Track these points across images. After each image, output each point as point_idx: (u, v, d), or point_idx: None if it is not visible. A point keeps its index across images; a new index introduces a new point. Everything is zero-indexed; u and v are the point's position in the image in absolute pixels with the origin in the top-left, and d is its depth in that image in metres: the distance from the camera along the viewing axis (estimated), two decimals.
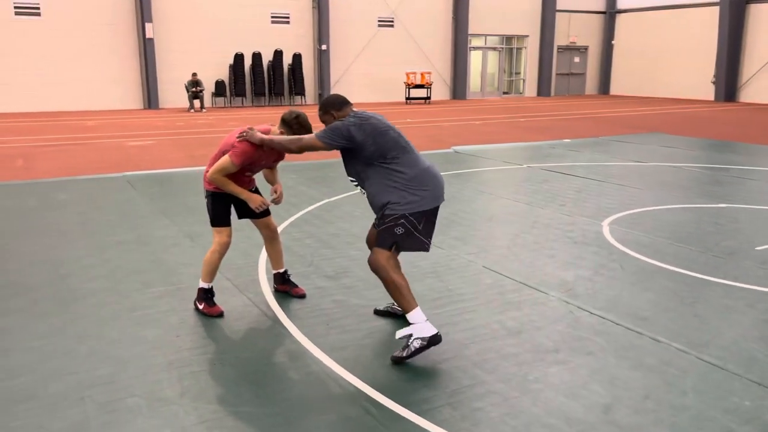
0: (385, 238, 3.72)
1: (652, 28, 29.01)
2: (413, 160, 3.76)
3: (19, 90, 19.86)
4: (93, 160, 10.94)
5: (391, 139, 3.72)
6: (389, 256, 3.73)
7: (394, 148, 3.71)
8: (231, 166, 4.10)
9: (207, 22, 22.04)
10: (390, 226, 3.70)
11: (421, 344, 3.64)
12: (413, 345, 3.65)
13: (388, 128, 3.75)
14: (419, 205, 3.70)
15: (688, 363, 3.70)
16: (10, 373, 3.56)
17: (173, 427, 3.05)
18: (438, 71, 26.74)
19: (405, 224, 3.69)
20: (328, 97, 3.95)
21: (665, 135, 14.81)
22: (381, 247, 3.72)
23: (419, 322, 3.67)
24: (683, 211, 7.36)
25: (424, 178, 3.73)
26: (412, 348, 3.64)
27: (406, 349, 3.66)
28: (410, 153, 3.77)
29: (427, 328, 3.67)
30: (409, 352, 3.64)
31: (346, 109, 3.85)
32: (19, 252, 5.77)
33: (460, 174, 9.76)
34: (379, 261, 3.70)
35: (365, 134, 3.66)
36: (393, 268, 3.72)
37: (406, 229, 3.70)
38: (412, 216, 3.70)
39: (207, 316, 4.35)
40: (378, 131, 3.69)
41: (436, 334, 3.68)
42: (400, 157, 3.71)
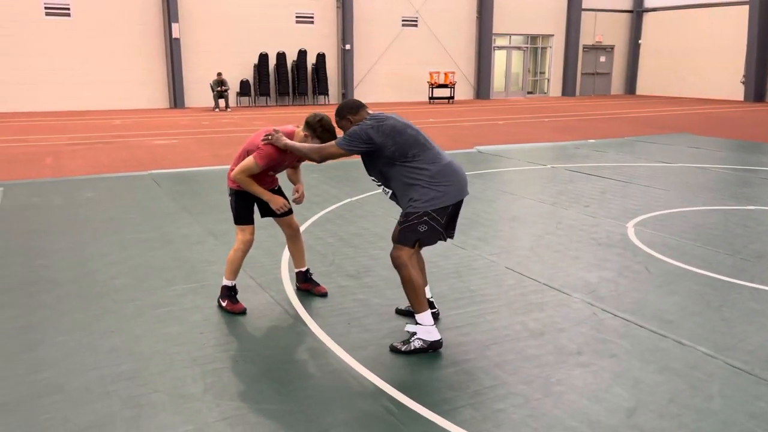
0: (408, 236, 3.74)
1: (679, 27, 28.60)
2: (434, 156, 3.76)
3: (49, 89, 20.22)
4: (119, 158, 11.09)
5: (411, 137, 3.72)
6: (412, 254, 3.75)
7: (414, 146, 3.71)
8: (255, 167, 4.13)
9: (232, 22, 22.23)
10: (414, 223, 3.71)
11: (422, 345, 3.76)
12: (414, 344, 3.76)
13: (405, 126, 3.76)
14: (442, 201, 3.71)
15: (714, 367, 3.64)
16: (37, 367, 3.62)
17: (196, 423, 3.08)
18: (462, 71, 26.65)
19: (428, 221, 3.71)
20: (343, 102, 3.97)
21: (693, 135, 14.59)
22: (403, 245, 3.74)
23: (427, 324, 3.77)
24: (711, 213, 7.24)
25: (446, 173, 3.73)
26: (413, 346, 3.76)
27: (407, 345, 3.77)
28: (430, 149, 3.77)
29: (433, 332, 3.78)
30: (409, 348, 3.76)
31: (362, 112, 3.87)
32: (46, 248, 5.87)
33: (483, 174, 9.71)
34: (401, 258, 3.74)
35: (384, 135, 3.67)
36: (414, 268, 3.77)
37: (430, 225, 3.72)
38: (435, 212, 3.71)
39: (230, 314, 4.39)
40: (396, 130, 3.70)
41: (438, 340, 3.79)
42: (420, 155, 3.71)
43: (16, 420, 3.10)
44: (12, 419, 3.10)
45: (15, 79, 19.77)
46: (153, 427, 3.05)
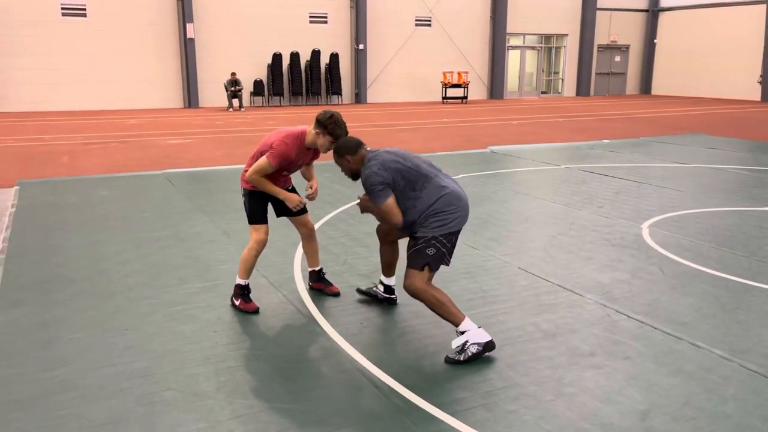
0: (416, 260, 3.76)
1: (696, 27, 28.35)
2: (438, 183, 3.80)
3: (65, 89, 20.41)
4: (134, 157, 11.17)
5: (413, 170, 3.78)
6: (425, 278, 3.76)
7: (418, 179, 3.77)
8: (268, 166, 4.15)
9: (246, 22, 22.31)
10: (422, 247, 3.75)
11: (478, 349, 3.70)
12: (470, 350, 3.69)
13: (404, 159, 3.81)
14: (450, 227, 3.76)
15: (729, 370, 3.60)
16: (51, 364, 3.65)
17: (208, 421, 3.10)
18: (475, 71, 26.58)
19: (436, 244, 3.74)
20: (342, 140, 3.99)
21: (708, 136, 14.46)
22: (413, 269, 3.76)
23: (472, 329, 3.73)
24: (726, 215, 7.17)
25: (451, 200, 3.78)
26: (469, 353, 3.69)
27: (462, 353, 3.70)
28: (434, 178, 3.81)
29: (482, 334, 3.74)
30: (467, 356, 3.69)
31: (361, 151, 3.90)
32: (62, 246, 5.92)
33: (497, 174, 9.68)
34: (416, 285, 3.75)
35: (391, 171, 3.74)
36: (433, 289, 3.78)
37: (437, 249, 3.74)
38: (443, 237, 3.75)
39: (243, 312, 4.40)
40: (399, 164, 3.77)
41: (491, 341, 3.74)
42: (426, 186, 3.77)
43: (31, 417, 3.13)
44: (27, 416, 3.14)
45: (32, 79, 19.97)
46: (166, 425, 3.07)
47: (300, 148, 4.22)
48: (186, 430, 3.03)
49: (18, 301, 4.60)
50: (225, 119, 18.05)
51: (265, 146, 4.22)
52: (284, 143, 4.15)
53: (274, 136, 4.21)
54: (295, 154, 4.20)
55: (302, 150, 4.25)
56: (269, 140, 4.22)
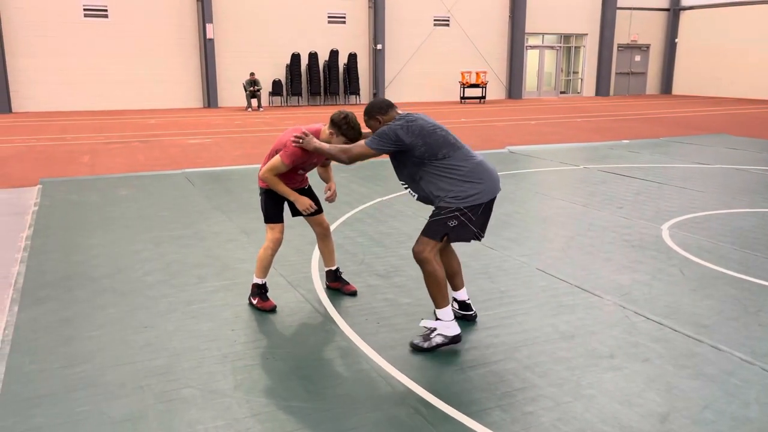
0: (435, 230, 3.72)
1: (717, 26, 27.99)
2: (465, 155, 3.75)
3: (87, 89, 20.66)
4: (154, 157, 11.28)
5: (440, 137, 3.72)
6: (435, 250, 3.73)
7: (444, 146, 3.71)
8: (282, 166, 4.17)
9: (265, 22, 22.43)
10: (444, 218, 3.70)
11: (443, 341, 3.76)
12: (435, 340, 3.76)
13: (435, 127, 3.76)
14: (475, 198, 3.69)
15: (751, 373, 3.55)
16: (72, 361, 3.70)
17: (226, 419, 3.12)
18: (493, 70, 26.48)
19: (459, 216, 3.68)
20: (372, 101, 3.95)
21: (731, 137, 14.26)
22: (429, 237, 3.72)
23: (447, 320, 3.76)
24: (749, 216, 7.07)
25: (478, 171, 3.72)
26: (434, 342, 3.76)
27: (427, 341, 3.77)
28: (461, 149, 3.76)
29: (452, 327, 3.77)
30: (430, 345, 3.76)
31: (392, 112, 3.86)
32: (83, 245, 5.99)
33: (515, 174, 9.63)
34: (424, 252, 3.72)
35: (414, 135, 3.67)
36: (438, 263, 3.75)
37: (460, 221, 3.69)
38: (468, 209, 3.69)
39: (260, 311, 4.43)
40: (426, 131, 3.70)
41: (458, 335, 3.78)
42: (452, 154, 3.71)
43: (53, 412, 3.17)
44: (49, 411, 3.18)
45: (54, 80, 20.25)
46: (184, 422, 3.09)
47: None
48: (204, 427, 3.05)
49: (40, 298, 4.67)
50: (244, 119, 18.15)
51: (280, 145, 4.23)
52: (300, 151, 4.15)
53: (288, 135, 4.23)
54: (309, 153, 4.20)
55: None
56: (283, 139, 4.23)
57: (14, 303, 4.57)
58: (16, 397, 3.31)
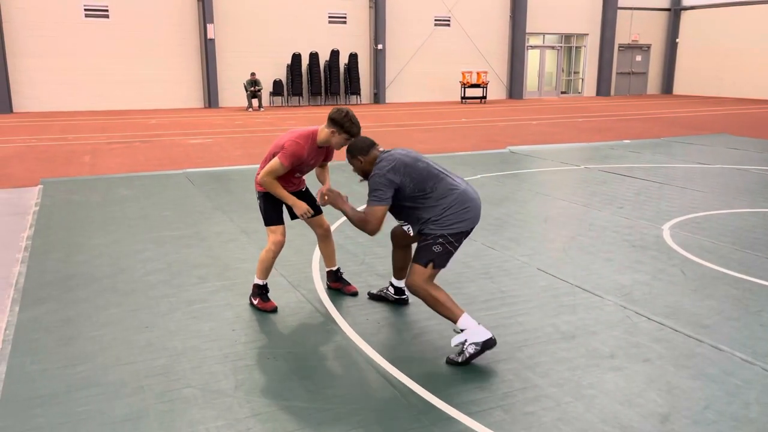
0: (422, 256, 3.76)
1: (719, 26, 27.98)
2: (449, 185, 3.78)
3: (88, 89, 20.67)
4: (154, 157, 11.28)
5: (423, 170, 3.77)
6: (426, 277, 3.74)
7: (428, 179, 3.76)
8: (281, 167, 4.16)
9: (266, 23, 22.43)
10: (429, 243, 3.74)
11: (476, 349, 3.63)
12: (468, 350, 3.64)
13: (416, 160, 3.80)
14: (459, 226, 3.74)
15: (752, 374, 3.55)
16: (73, 361, 3.70)
17: (227, 419, 3.12)
18: (494, 70, 26.47)
19: (443, 243, 3.73)
20: (354, 141, 3.96)
21: (732, 136, 14.26)
22: (418, 264, 3.75)
23: (471, 327, 3.66)
24: (750, 216, 7.07)
25: (462, 200, 3.76)
26: (467, 354, 3.64)
27: (461, 354, 3.66)
28: (445, 179, 3.80)
29: (480, 332, 3.65)
30: (465, 357, 3.64)
31: (373, 152, 3.89)
32: (84, 244, 6.00)
33: (516, 174, 9.63)
34: (416, 282, 3.74)
35: (401, 174, 3.73)
36: (432, 286, 3.75)
37: (444, 248, 3.74)
38: (451, 236, 3.74)
39: (261, 311, 4.43)
40: (409, 167, 3.75)
41: (490, 338, 3.65)
42: (437, 187, 3.75)
43: (54, 412, 3.17)
44: (50, 411, 3.18)
45: (55, 79, 20.26)
46: (185, 422, 3.09)
47: (312, 147, 4.23)
48: (205, 427, 3.05)
49: (41, 298, 4.67)
50: (244, 119, 18.16)
51: (277, 147, 4.23)
52: (296, 143, 4.15)
53: (285, 137, 4.22)
54: (307, 153, 4.20)
55: (314, 149, 4.25)
56: (281, 141, 4.23)
57: (15, 303, 4.58)
58: (17, 397, 3.32)
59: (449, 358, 3.70)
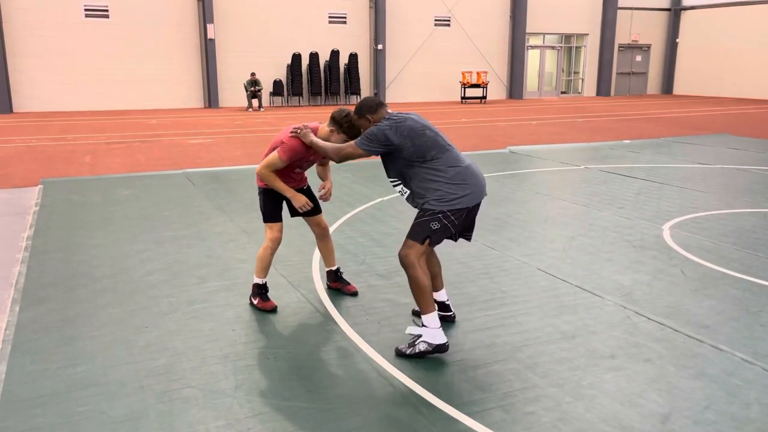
0: (418, 232, 3.70)
1: (719, 26, 27.98)
2: (453, 158, 3.73)
3: (88, 89, 20.67)
4: (155, 157, 11.28)
5: (429, 139, 3.70)
6: (421, 254, 3.71)
7: (432, 148, 3.69)
8: (279, 161, 4.17)
9: (266, 23, 22.43)
10: (426, 219, 3.68)
11: (427, 348, 3.68)
12: (419, 347, 3.68)
13: (424, 128, 3.73)
14: (459, 202, 3.67)
15: (752, 374, 3.55)
16: (73, 361, 3.70)
17: (227, 419, 3.12)
18: (494, 70, 26.47)
19: (442, 219, 3.66)
20: (362, 100, 3.93)
21: (733, 136, 14.25)
22: (413, 240, 3.70)
23: (433, 327, 3.69)
24: (750, 216, 7.07)
25: (465, 176, 3.70)
26: (417, 349, 3.69)
27: (411, 347, 3.71)
28: (450, 151, 3.74)
29: (438, 335, 3.69)
30: (413, 351, 3.69)
31: (381, 111, 3.84)
32: (84, 245, 6.00)
33: (516, 174, 9.63)
34: (409, 257, 3.69)
35: (402, 136, 3.65)
36: (423, 269, 3.71)
37: (442, 224, 3.67)
38: (451, 213, 3.67)
39: (261, 311, 4.43)
40: (415, 132, 3.67)
41: (444, 344, 3.70)
42: (440, 157, 3.69)
43: (54, 412, 3.17)
44: (50, 411, 3.18)
45: (55, 80, 20.26)
46: (185, 422, 3.09)
47: None
48: (205, 427, 3.05)
49: (42, 298, 4.67)
50: (245, 119, 18.16)
51: (277, 143, 4.24)
52: (297, 146, 4.15)
53: (285, 132, 4.23)
54: (306, 149, 4.21)
55: None
56: (280, 136, 4.24)
57: (15, 303, 4.58)
58: (17, 397, 3.31)
59: (398, 349, 3.74)
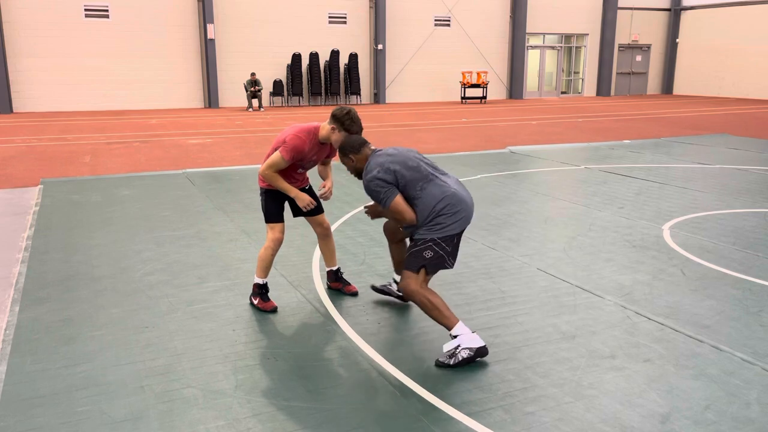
0: (412, 262, 3.74)
1: (719, 26, 27.98)
2: (439, 186, 3.74)
3: (88, 89, 20.67)
4: (155, 157, 11.28)
5: (414, 171, 3.74)
6: (420, 281, 3.73)
7: (418, 180, 3.73)
8: (281, 161, 4.18)
9: (266, 23, 22.43)
10: (420, 249, 3.73)
11: (469, 354, 3.62)
12: (461, 354, 3.63)
13: (405, 162, 3.76)
14: (449, 229, 3.71)
15: (752, 374, 3.55)
16: (73, 361, 3.70)
17: (227, 419, 3.12)
18: (494, 70, 26.47)
19: (433, 247, 3.71)
20: (345, 139, 3.98)
21: (732, 137, 14.26)
22: (409, 270, 3.74)
23: (465, 333, 3.66)
24: (750, 216, 7.07)
25: (453, 203, 3.72)
26: (460, 357, 3.63)
27: (453, 357, 3.64)
28: (434, 180, 3.76)
29: (475, 339, 3.66)
30: (456, 360, 3.63)
31: (364, 150, 3.90)
32: (84, 245, 6.00)
33: (516, 174, 9.63)
34: (410, 286, 3.71)
35: (392, 173, 3.71)
36: (427, 291, 3.73)
37: (435, 252, 3.72)
38: (441, 240, 3.71)
39: (261, 311, 4.43)
40: (398, 172, 3.71)
41: (483, 346, 3.66)
42: (426, 187, 3.73)
43: (54, 412, 3.17)
44: (50, 411, 3.18)
45: (55, 80, 20.26)
46: (185, 422, 3.09)
47: (313, 142, 4.25)
48: (205, 427, 3.05)
49: (42, 298, 4.67)
50: (245, 119, 18.16)
51: (279, 142, 4.25)
52: (297, 137, 4.18)
53: (287, 132, 4.24)
54: (309, 148, 4.22)
55: (316, 144, 4.27)
56: (282, 136, 4.25)
57: (15, 303, 4.58)
58: (17, 397, 3.32)
59: (439, 361, 3.67)
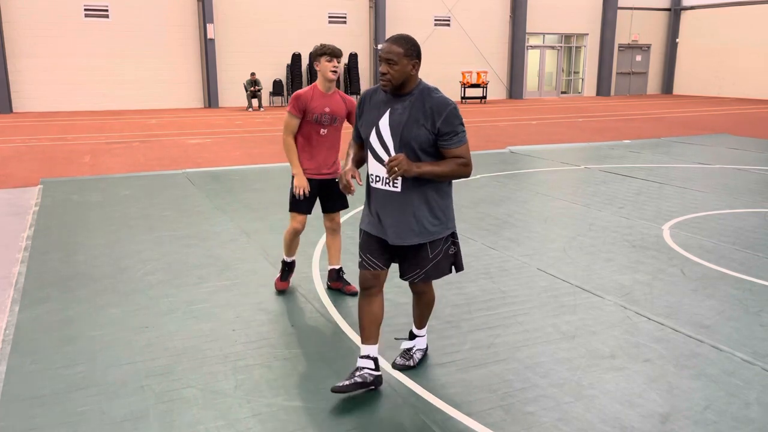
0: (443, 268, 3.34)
1: (718, 26, 27.98)
2: None
3: (88, 89, 20.67)
4: (155, 157, 11.28)
5: None
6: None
7: None
8: (290, 117, 4.34)
9: (266, 23, 22.44)
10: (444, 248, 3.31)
11: (422, 354, 3.75)
12: (416, 355, 3.70)
13: None
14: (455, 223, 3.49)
15: (752, 374, 3.55)
16: (73, 360, 3.70)
17: (227, 419, 3.12)
18: (494, 70, 26.47)
19: (454, 241, 3.37)
20: (409, 37, 3.21)
21: (733, 136, 14.25)
22: (439, 277, 3.36)
23: (425, 335, 3.77)
24: (750, 216, 7.07)
25: None
26: (416, 359, 3.68)
27: (411, 359, 3.66)
28: None
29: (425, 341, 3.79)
30: (415, 361, 3.66)
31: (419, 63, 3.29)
32: (84, 244, 6.00)
33: (516, 174, 9.63)
34: (433, 293, 3.58)
35: None
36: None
37: (456, 245, 3.39)
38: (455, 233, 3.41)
39: (261, 311, 4.43)
40: None
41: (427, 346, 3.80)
42: None
43: (54, 412, 3.17)
44: (49, 411, 3.18)
45: (55, 80, 20.26)
46: (185, 422, 3.09)
47: (317, 94, 4.34)
48: (205, 427, 3.05)
49: (41, 298, 4.67)
50: (245, 119, 18.15)
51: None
52: (299, 92, 4.32)
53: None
54: (313, 99, 4.31)
55: (321, 95, 4.35)
56: None
57: (15, 303, 4.58)
58: (16, 397, 3.31)
59: (398, 364, 3.60)
